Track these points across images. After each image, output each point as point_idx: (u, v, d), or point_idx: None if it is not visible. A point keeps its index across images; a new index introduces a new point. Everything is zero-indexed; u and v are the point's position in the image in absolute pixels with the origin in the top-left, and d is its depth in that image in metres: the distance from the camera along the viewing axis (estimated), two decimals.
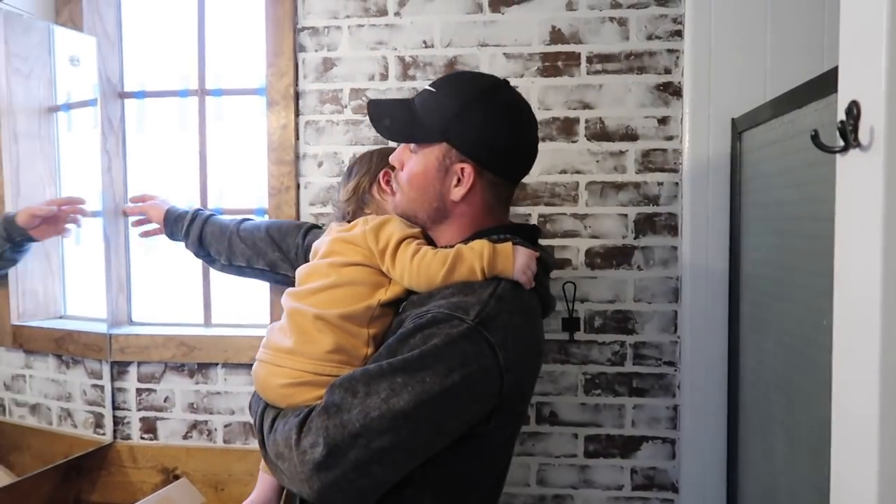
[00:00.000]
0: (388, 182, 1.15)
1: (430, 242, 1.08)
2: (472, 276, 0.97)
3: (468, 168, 1.01)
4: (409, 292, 1.03)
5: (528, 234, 1.09)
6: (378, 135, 1.10)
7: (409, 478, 0.94)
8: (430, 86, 1.07)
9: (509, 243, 1.00)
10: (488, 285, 0.96)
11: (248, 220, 1.57)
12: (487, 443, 1.00)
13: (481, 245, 0.99)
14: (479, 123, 1.01)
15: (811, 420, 1.04)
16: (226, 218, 1.58)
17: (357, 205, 1.17)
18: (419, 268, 0.98)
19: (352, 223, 1.10)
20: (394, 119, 1.08)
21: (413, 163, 1.05)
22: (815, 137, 0.77)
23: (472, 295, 0.95)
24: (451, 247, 1.02)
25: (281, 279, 1.51)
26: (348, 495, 0.89)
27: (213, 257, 1.55)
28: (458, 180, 1.02)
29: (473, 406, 0.93)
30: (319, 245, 1.10)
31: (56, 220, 1.65)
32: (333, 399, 0.89)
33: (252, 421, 1.05)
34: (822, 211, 0.95)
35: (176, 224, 1.57)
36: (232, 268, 1.54)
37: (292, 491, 0.96)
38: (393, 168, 1.11)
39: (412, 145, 1.05)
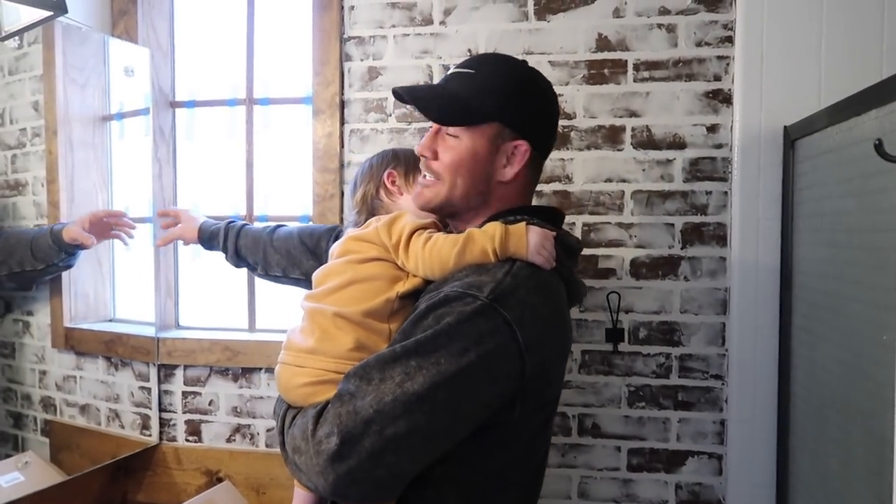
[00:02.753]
0: (393, 182, 1.15)
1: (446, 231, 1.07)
2: (485, 257, 0.94)
3: (523, 146, 1.01)
4: (426, 283, 1.00)
5: (545, 216, 1.04)
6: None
7: (430, 477, 0.91)
8: (461, 68, 1.04)
9: (522, 223, 0.96)
10: (503, 265, 0.93)
11: (282, 227, 1.52)
12: (513, 434, 0.95)
13: (493, 227, 0.95)
14: (534, 101, 1.03)
15: (870, 440, 1.00)
16: (258, 227, 1.54)
17: (368, 213, 1.16)
18: (430, 253, 0.96)
19: (366, 223, 1.10)
20: (443, 103, 1.04)
21: (458, 147, 1.01)
22: (878, 146, 0.75)
23: (487, 274, 0.91)
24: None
25: None
26: (364, 488, 0.85)
27: (253, 266, 1.53)
28: (507, 160, 1.01)
29: (493, 387, 0.88)
30: (335, 247, 1.09)
31: (102, 227, 1.70)
32: (348, 387, 0.87)
33: (276, 426, 1.03)
34: (883, 222, 0.92)
35: (211, 241, 1.54)
36: (270, 277, 1.53)
37: (309, 488, 0.93)
38: (395, 168, 1.13)
39: (450, 130, 1.02)
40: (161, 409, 1.84)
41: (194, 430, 1.83)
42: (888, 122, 0.92)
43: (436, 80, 1.65)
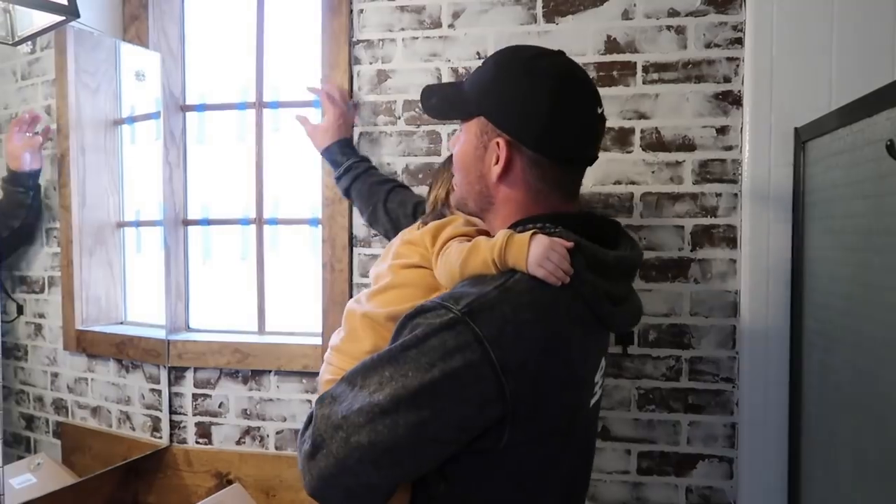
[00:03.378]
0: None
1: None
2: (486, 268, 0.88)
3: (503, 141, 0.93)
4: None
5: (575, 225, 0.92)
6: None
7: (435, 496, 0.89)
8: (484, 59, 1.02)
9: (528, 232, 0.87)
10: (499, 277, 0.87)
11: (401, 187, 1.56)
12: (514, 463, 0.88)
13: (500, 234, 0.89)
14: (513, 91, 0.93)
15: (883, 443, 0.99)
16: (379, 179, 1.58)
17: (436, 218, 1.07)
18: (444, 262, 0.94)
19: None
20: (440, 97, 1.04)
21: (459, 143, 1.00)
22: (890, 147, 0.74)
23: (477, 286, 0.85)
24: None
25: None
26: (337, 494, 0.85)
27: (359, 209, 1.59)
28: (497, 159, 0.94)
29: (464, 409, 0.81)
30: (390, 247, 1.09)
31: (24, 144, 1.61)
32: (335, 390, 0.86)
33: None
34: (895, 224, 0.91)
35: (332, 162, 1.61)
36: (371, 227, 1.59)
37: None
38: None
39: (462, 126, 1.00)
40: (171, 412, 1.85)
41: (204, 432, 1.84)
42: None
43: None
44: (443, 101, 1.04)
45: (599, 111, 0.97)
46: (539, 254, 0.84)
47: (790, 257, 1.44)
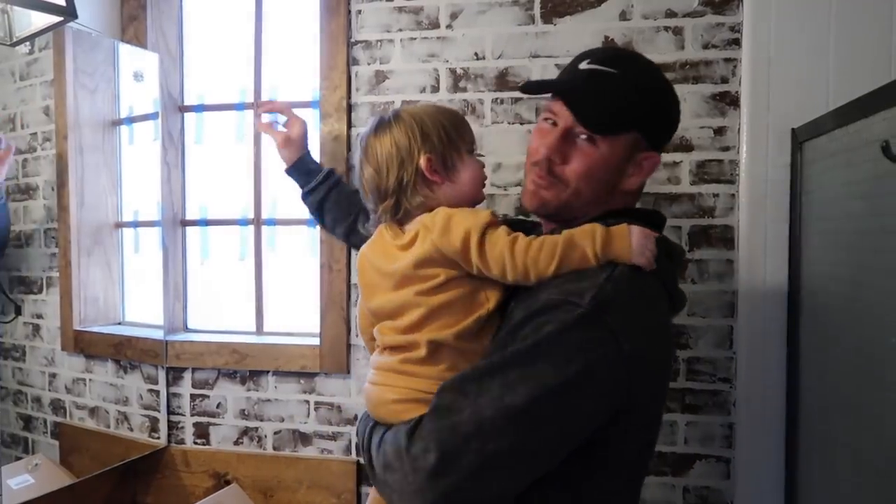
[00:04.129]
0: (433, 171, 0.98)
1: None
2: (585, 262, 0.87)
3: (655, 158, 0.98)
4: (509, 288, 0.93)
5: (646, 218, 0.97)
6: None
7: (529, 501, 0.86)
8: (597, 64, 0.95)
9: (623, 224, 0.89)
10: (603, 270, 0.86)
11: None
12: (617, 455, 0.89)
13: (592, 228, 0.88)
14: (671, 111, 1.01)
15: (879, 443, 0.99)
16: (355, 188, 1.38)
17: (395, 207, 0.99)
18: (524, 260, 0.88)
19: (406, 230, 0.98)
20: (595, 105, 0.94)
21: (593, 155, 0.94)
22: (885, 148, 0.74)
23: (586, 280, 0.85)
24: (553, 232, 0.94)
25: None
26: None
27: (329, 223, 1.46)
28: (634, 170, 0.97)
29: (597, 401, 0.83)
30: (378, 259, 0.98)
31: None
32: (443, 401, 0.82)
33: (359, 444, 0.99)
34: (892, 224, 0.91)
35: (306, 172, 1.47)
36: (343, 238, 1.46)
37: None
38: (433, 152, 0.97)
39: (583, 133, 0.94)
40: (169, 412, 1.85)
41: (202, 432, 1.84)
42: None
43: (443, 84, 1.65)
44: (602, 110, 0.94)
45: None
46: (641, 244, 0.87)
47: (787, 258, 1.44)
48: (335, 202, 1.44)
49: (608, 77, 0.94)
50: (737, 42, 1.52)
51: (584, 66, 0.96)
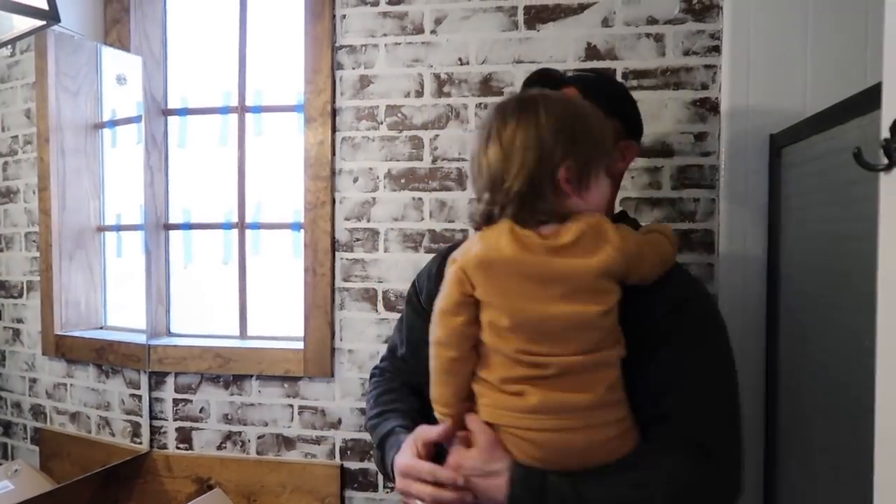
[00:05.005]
0: (567, 180, 0.88)
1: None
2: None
3: (634, 148, 1.15)
4: None
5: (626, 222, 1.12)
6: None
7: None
8: (580, 72, 1.18)
9: (655, 234, 1.00)
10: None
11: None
12: None
13: (662, 230, 1.01)
14: (637, 110, 1.18)
15: (857, 445, 1.01)
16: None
17: (524, 203, 0.87)
18: (657, 253, 0.94)
19: (548, 228, 0.88)
20: (589, 83, 1.12)
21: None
22: (857, 155, 0.76)
23: (684, 272, 1.04)
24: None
25: None
26: None
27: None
28: (621, 156, 1.11)
29: None
30: (529, 258, 0.86)
31: None
32: (709, 414, 0.92)
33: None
34: (865, 229, 0.93)
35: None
36: None
37: None
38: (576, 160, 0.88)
39: None
40: (152, 417, 1.83)
41: (185, 437, 1.82)
42: (869, 131, 0.94)
43: (427, 89, 1.66)
44: (599, 88, 1.13)
45: None
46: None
47: (766, 262, 1.46)
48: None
49: (589, 76, 1.16)
50: (717, 49, 1.54)
51: (568, 73, 1.15)
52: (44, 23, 1.32)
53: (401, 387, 1.18)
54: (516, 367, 0.87)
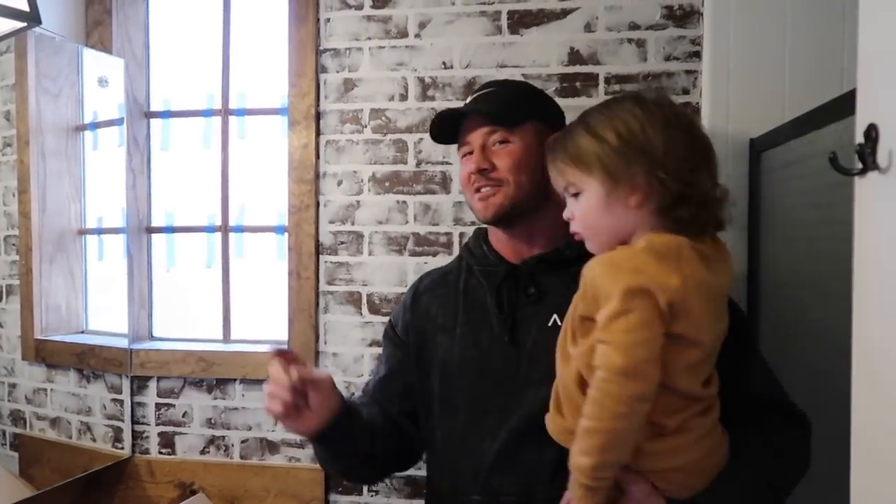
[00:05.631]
0: (633, 190, 0.85)
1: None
2: None
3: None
4: None
5: None
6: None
7: None
8: (483, 90, 1.15)
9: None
10: None
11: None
12: None
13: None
14: (550, 100, 1.19)
15: (837, 446, 1.03)
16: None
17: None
18: None
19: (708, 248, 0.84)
20: (495, 109, 1.11)
21: (513, 150, 1.08)
22: (833, 160, 0.77)
23: None
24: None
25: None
26: None
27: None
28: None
29: None
30: (706, 275, 0.82)
31: None
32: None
33: None
34: (842, 232, 0.94)
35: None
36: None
37: None
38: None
39: (499, 138, 1.08)
40: (134, 422, 1.82)
41: (168, 442, 1.81)
42: (845, 136, 0.96)
43: (411, 93, 1.67)
44: (502, 110, 1.11)
45: None
46: None
47: (746, 264, 1.48)
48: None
49: (493, 90, 1.14)
50: (697, 55, 1.56)
51: (475, 95, 1.14)
52: (24, 24, 1.31)
53: (371, 402, 1.17)
54: (683, 410, 0.83)
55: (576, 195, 0.89)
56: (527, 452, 1.04)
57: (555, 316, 1.04)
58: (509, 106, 1.10)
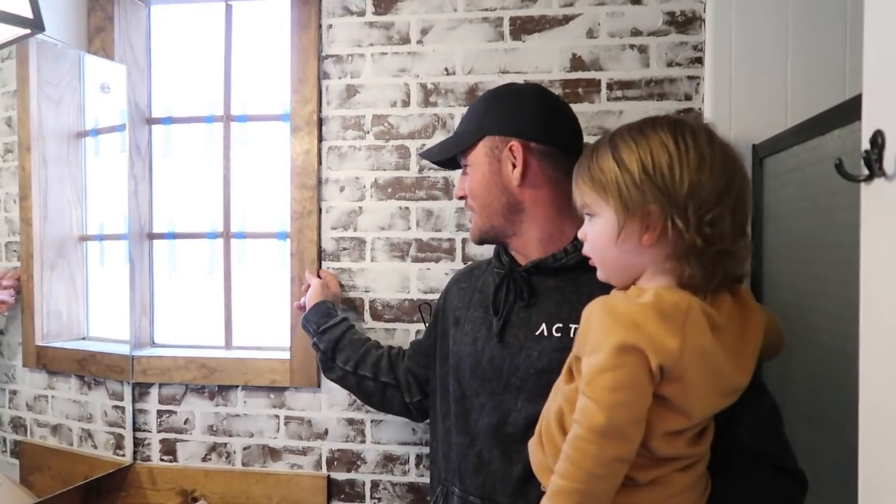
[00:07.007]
0: (647, 227, 0.82)
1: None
2: None
3: (515, 143, 1.08)
4: None
5: None
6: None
7: None
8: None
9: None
10: None
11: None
12: None
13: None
14: (506, 105, 1.12)
15: (840, 453, 1.02)
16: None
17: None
18: None
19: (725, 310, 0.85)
20: (439, 147, 1.19)
21: (472, 174, 1.13)
22: (839, 166, 0.77)
23: None
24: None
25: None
26: None
27: (338, 363, 1.43)
28: (513, 165, 1.08)
29: None
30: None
31: None
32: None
33: None
34: (846, 238, 0.94)
35: (323, 315, 1.52)
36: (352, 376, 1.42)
37: None
38: None
39: (466, 167, 1.15)
40: (135, 429, 1.81)
41: (169, 449, 1.80)
42: (850, 142, 0.96)
43: (413, 99, 1.67)
44: (443, 146, 1.18)
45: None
46: None
47: (749, 270, 1.48)
48: (349, 341, 1.46)
49: (465, 115, 1.20)
50: (700, 60, 1.56)
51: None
52: (28, 31, 1.31)
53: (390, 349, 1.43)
54: (660, 466, 0.80)
55: (591, 217, 0.87)
56: (495, 461, 1.06)
57: (543, 325, 1.06)
58: (458, 135, 1.17)
